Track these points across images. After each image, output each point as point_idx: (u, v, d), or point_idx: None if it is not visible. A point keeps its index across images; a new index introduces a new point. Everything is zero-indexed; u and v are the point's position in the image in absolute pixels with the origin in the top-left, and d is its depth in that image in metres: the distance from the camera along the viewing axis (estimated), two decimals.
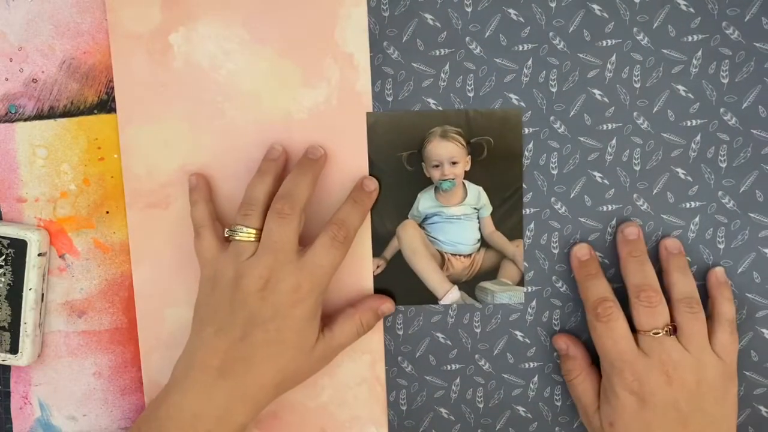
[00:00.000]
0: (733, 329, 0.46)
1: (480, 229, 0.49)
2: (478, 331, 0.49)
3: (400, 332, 0.50)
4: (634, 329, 0.45)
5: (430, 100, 0.48)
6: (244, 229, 0.45)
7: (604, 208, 0.48)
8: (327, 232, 0.45)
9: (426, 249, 0.49)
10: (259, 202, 0.45)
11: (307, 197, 0.45)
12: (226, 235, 0.46)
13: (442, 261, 0.49)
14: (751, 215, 0.47)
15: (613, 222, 0.48)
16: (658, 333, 0.44)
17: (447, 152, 0.48)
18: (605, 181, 0.48)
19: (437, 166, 0.48)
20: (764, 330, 0.48)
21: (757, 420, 0.49)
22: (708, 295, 0.47)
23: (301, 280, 0.44)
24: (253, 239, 0.45)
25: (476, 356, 0.50)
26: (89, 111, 0.49)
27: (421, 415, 0.50)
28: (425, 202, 0.49)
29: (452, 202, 0.49)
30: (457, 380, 0.50)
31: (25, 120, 0.49)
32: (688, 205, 0.48)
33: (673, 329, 0.44)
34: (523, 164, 0.48)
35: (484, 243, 0.49)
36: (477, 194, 0.48)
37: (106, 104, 0.49)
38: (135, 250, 0.49)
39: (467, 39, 0.47)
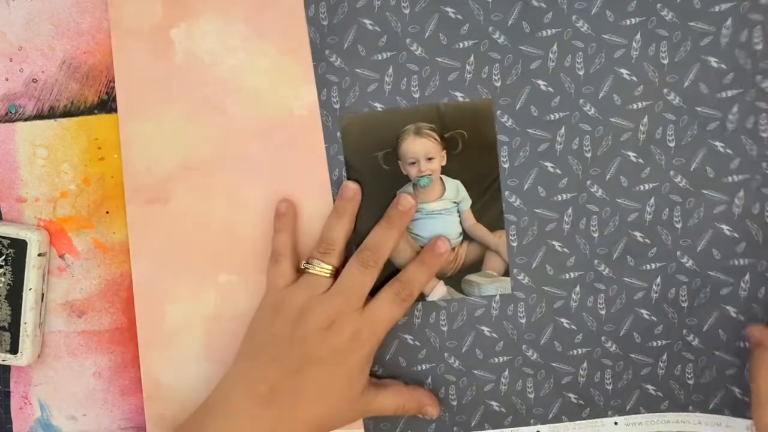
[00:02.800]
0: None
1: (461, 223, 0.49)
2: (444, 329, 0.50)
3: None
4: None
5: (377, 104, 0.48)
6: (323, 265, 0.46)
7: (559, 198, 0.48)
8: (392, 287, 0.46)
9: (409, 246, 0.49)
10: (338, 243, 0.47)
11: (393, 250, 0.47)
12: (302, 267, 0.47)
13: None
14: (704, 192, 0.47)
15: (569, 211, 0.48)
16: None
17: (422, 149, 0.48)
18: (557, 171, 0.48)
19: (413, 163, 0.48)
20: (729, 308, 0.48)
21: (732, 402, 0.49)
22: None
23: (361, 329, 0.45)
24: (327, 275, 0.46)
25: (445, 354, 0.50)
26: (89, 111, 0.49)
27: (397, 416, 0.50)
28: None
29: (431, 198, 0.49)
30: (429, 379, 0.50)
31: (25, 120, 0.49)
32: (642, 188, 0.48)
33: None
34: (498, 154, 0.48)
35: (466, 236, 0.49)
36: (455, 188, 0.49)
37: (106, 104, 0.49)
38: (134, 246, 0.50)
39: (408, 41, 0.47)
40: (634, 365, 0.49)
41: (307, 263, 0.47)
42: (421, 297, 0.49)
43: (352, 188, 0.48)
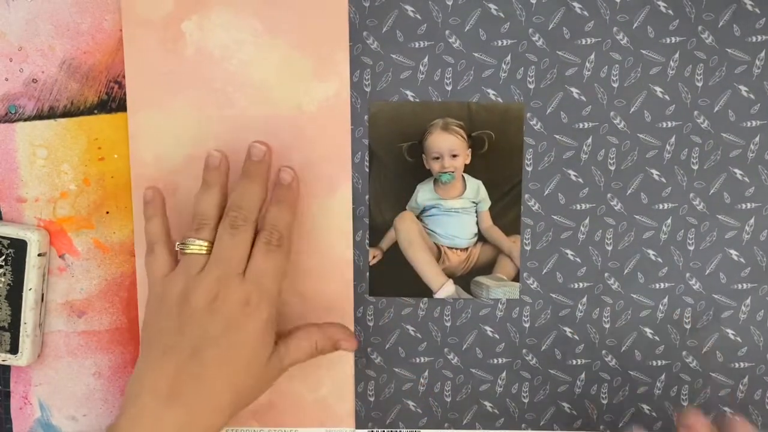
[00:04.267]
0: None
1: (477, 223, 0.49)
2: (448, 324, 0.49)
3: (371, 323, 0.50)
4: None
5: (408, 92, 0.47)
6: (196, 242, 0.43)
7: (578, 207, 0.48)
8: (260, 238, 0.43)
9: (423, 241, 0.49)
10: (211, 216, 0.44)
11: (260, 204, 0.44)
12: (177, 248, 0.44)
13: (439, 254, 0.49)
14: (719, 217, 0.48)
15: (587, 221, 0.48)
16: None
17: (447, 144, 0.48)
18: (580, 180, 0.48)
19: (437, 158, 0.48)
20: (729, 330, 0.49)
21: (722, 422, 0.49)
22: None
23: (249, 293, 0.42)
24: (204, 252, 0.43)
25: (445, 350, 0.50)
26: (89, 111, 0.48)
27: (389, 406, 0.50)
28: (424, 194, 0.48)
29: (451, 195, 0.49)
30: (426, 373, 0.50)
31: (25, 120, 0.49)
32: (661, 207, 0.48)
33: None
34: (523, 159, 0.48)
35: (481, 237, 0.49)
36: (476, 188, 0.48)
37: (106, 104, 0.48)
38: (139, 237, 0.49)
39: (447, 32, 0.47)
40: (632, 382, 0.49)
41: (182, 244, 0.44)
42: (429, 293, 0.49)
43: (217, 156, 0.45)
